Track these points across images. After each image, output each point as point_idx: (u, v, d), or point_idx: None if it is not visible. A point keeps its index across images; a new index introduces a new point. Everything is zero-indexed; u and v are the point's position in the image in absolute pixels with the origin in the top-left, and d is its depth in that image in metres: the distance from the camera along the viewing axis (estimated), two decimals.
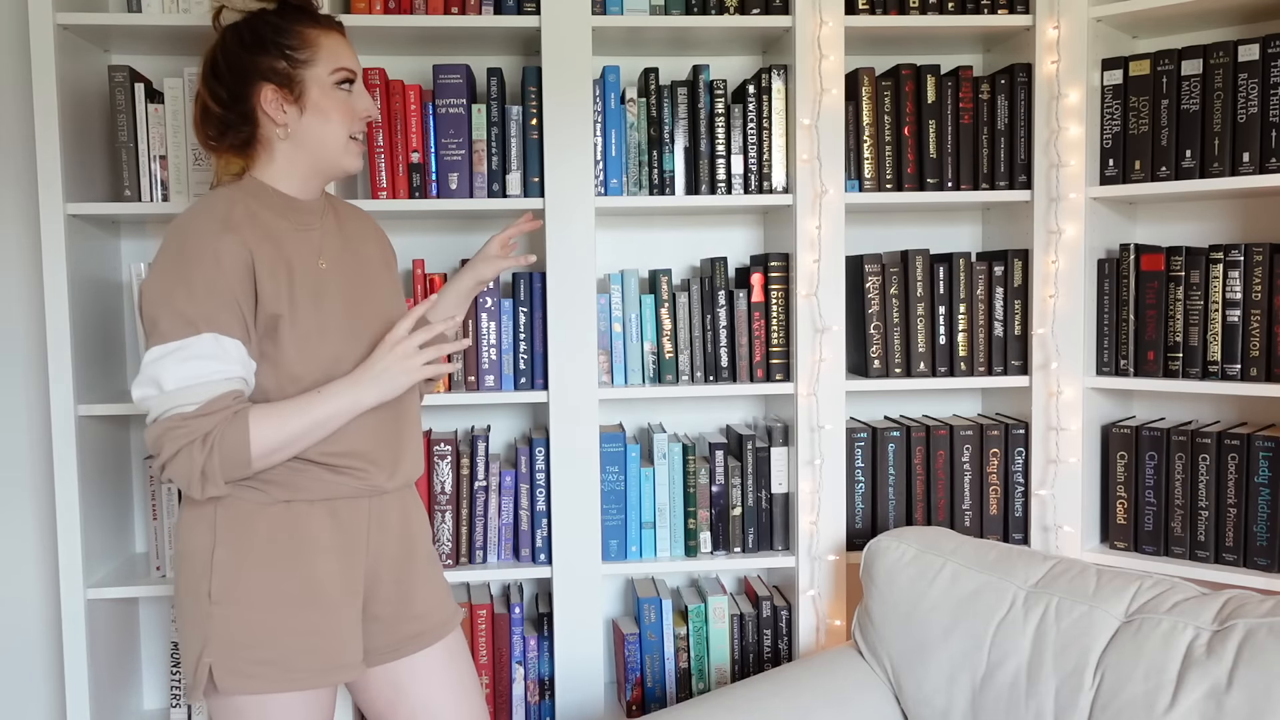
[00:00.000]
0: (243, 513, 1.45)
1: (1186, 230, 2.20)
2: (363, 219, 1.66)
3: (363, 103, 1.53)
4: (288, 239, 1.48)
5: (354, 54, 1.53)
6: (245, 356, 1.41)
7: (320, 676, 1.46)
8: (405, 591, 1.58)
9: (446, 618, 1.64)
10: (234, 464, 1.37)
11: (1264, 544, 1.92)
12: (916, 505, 2.19)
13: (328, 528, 1.49)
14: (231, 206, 1.45)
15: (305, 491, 1.47)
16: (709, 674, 2.18)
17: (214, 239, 1.40)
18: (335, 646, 1.47)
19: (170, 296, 1.37)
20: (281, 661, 1.43)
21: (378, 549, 1.54)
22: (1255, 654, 1.43)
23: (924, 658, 1.72)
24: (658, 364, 2.13)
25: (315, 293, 1.48)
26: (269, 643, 1.43)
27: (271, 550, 1.45)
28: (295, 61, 1.47)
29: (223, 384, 1.37)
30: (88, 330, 2.02)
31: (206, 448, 1.35)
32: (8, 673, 2.25)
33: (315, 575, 1.47)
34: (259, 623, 1.43)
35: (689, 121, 2.10)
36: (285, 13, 1.49)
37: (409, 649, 1.59)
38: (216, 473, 1.37)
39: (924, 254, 2.15)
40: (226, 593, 1.43)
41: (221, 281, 1.38)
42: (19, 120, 2.17)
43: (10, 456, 2.22)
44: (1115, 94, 2.04)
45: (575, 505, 2.07)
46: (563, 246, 2.03)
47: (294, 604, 1.45)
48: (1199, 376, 1.98)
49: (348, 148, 1.51)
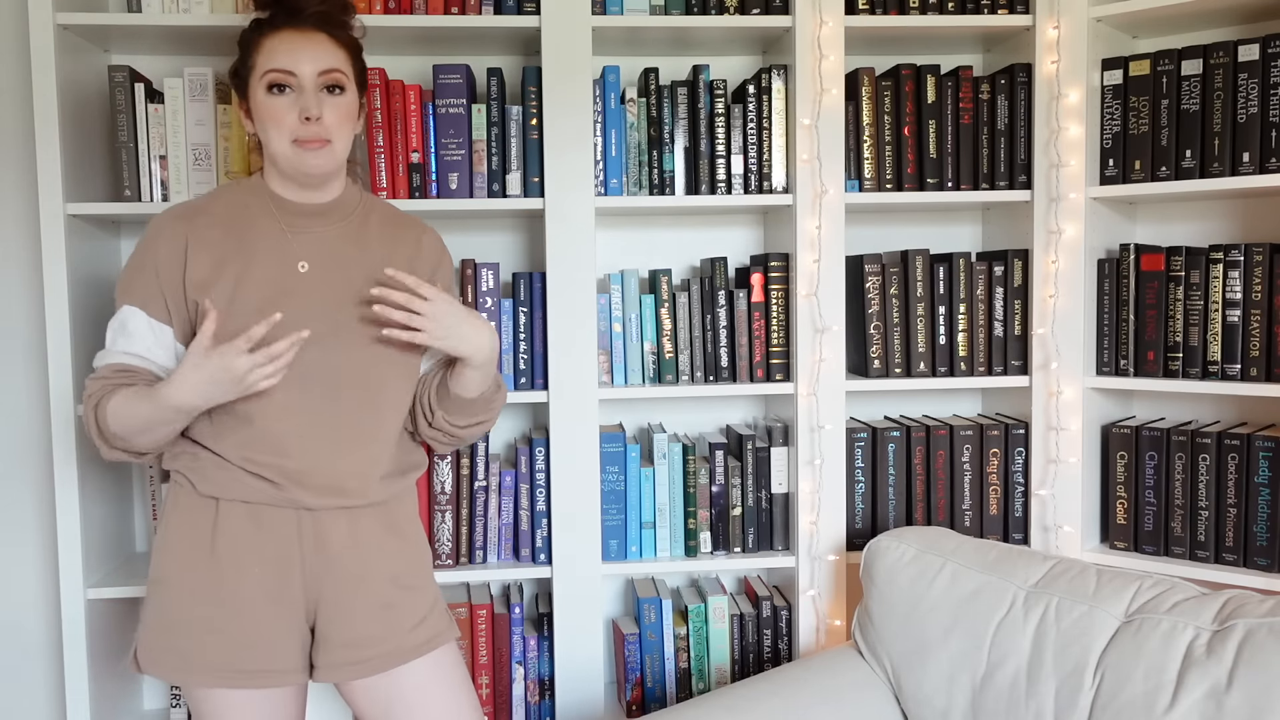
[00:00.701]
0: (184, 500, 1.51)
1: (1186, 230, 2.20)
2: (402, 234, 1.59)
3: (301, 103, 1.44)
4: (265, 238, 1.49)
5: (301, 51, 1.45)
6: (159, 335, 1.47)
7: (224, 677, 1.46)
8: (349, 615, 1.52)
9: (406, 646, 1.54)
10: (103, 434, 1.46)
11: (1264, 544, 1.92)
12: (916, 505, 2.19)
13: (250, 531, 1.48)
14: (215, 198, 1.53)
15: (227, 490, 1.48)
16: (709, 674, 2.18)
17: (164, 223, 1.49)
18: (242, 650, 1.46)
19: (123, 271, 1.51)
20: (185, 653, 1.47)
21: (315, 567, 1.51)
22: (1255, 654, 1.43)
23: (924, 658, 1.72)
24: (658, 364, 2.13)
25: (268, 292, 1.47)
26: (177, 632, 1.48)
27: (197, 542, 1.49)
28: (246, 69, 1.50)
29: (118, 355, 1.47)
30: (87, 330, 2.02)
31: (91, 411, 1.45)
32: (8, 673, 2.25)
33: (232, 576, 1.47)
34: (173, 610, 1.48)
35: (689, 121, 2.10)
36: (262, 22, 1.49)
37: (346, 674, 1.52)
38: (95, 436, 1.46)
39: (924, 254, 2.15)
40: (156, 574, 1.51)
41: (149, 260, 1.47)
42: (19, 120, 2.17)
43: (10, 456, 2.22)
44: (1115, 94, 2.04)
45: (575, 505, 2.07)
46: (563, 246, 2.03)
47: (206, 599, 1.47)
48: (1199, 376, 1.98)
49: (293, 151, 1.46)
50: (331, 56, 1.48)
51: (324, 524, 1.51)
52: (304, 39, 1.46)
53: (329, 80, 1.47)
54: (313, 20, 1.48)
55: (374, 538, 1.54)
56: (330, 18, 1.49)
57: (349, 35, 1.53)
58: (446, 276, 1.65)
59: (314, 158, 1.46)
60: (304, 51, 1.45)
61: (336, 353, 1.49)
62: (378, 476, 1.54)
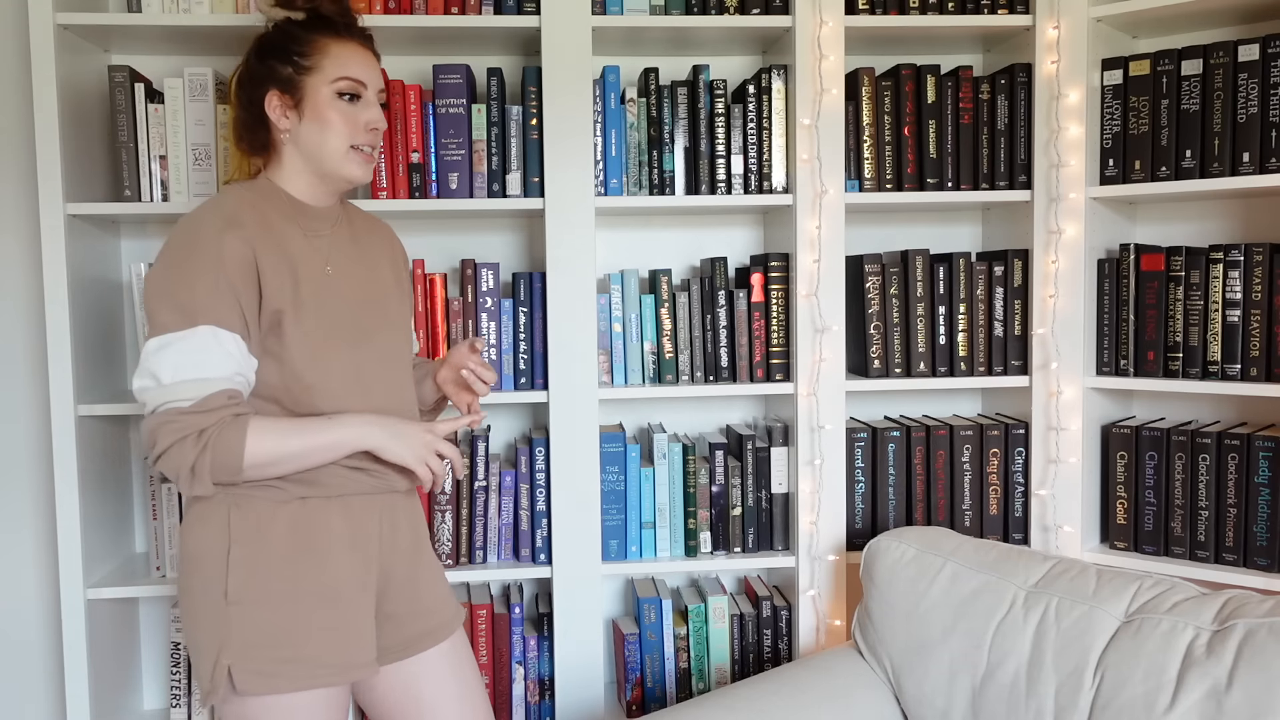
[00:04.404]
0: (258, 511, 1.45)
1: (1186, 230, 2.20)
2: (379, 233, 1.67)
3: (368, 114, 1.52)
4: (294, 242, 1.49)
5: (370, 66, 1.53)
6: (243, 352, 1.41)
7: (341, 674, 1.46)
8: (416, 588, 1.60)
9: (451, 616, 1.65)
10: (224, 468, 1.37)
11: (1264, 544, 1.92)
12: (916, 505, 2.19)
13: (343, 524, 1.49)
14: (240, 204, 1.47)
15: (322, 488, 1.47)
16: (709, 674, 2.18)
17: (218, 234, 1.40)
18: (353, 643, 1.48)
19: (172, 289, 1.38)
20: (302, 659, 1.43)
21: (390, 546, 1.56)
22: (1255, 654, 1.43)
23: (924, 657, 1.72)
24: (658, 364, 2.13)
25: (320, 295, 1.49)
26: (289, 641, 1.43)
27: (289, 547, 1.45)
28: (300, 68, 1.49)
29: (219, 381, 1.37)
30: (88, 330, 2.02)
31: (200, 445, 1.36)
32: (8, 673, 2.25)
33: (332, 572, 1.47)
34: (279, 621, 1.43)
35: (689, 121, 2.10)
36: (308, 22, 1.51)
37: (420, 646, 1.60)
38: (206, 472, 1.36)
39: (924, 254, 2.15)
40: (244, 592, 1.42)
41: (222, 275, 1.39)
42: (19, 120, 2.17)
43: (10, 456, 2.22)
44: (1115, 94, 2.04)
45: (575, 505, 2.07)
46: (563, 246, 2.03)
47: (313, 601, 1.45)
48: (1199, 376, 1.98)
49: (348, 156, 1.51)
50: (381, 75, 1.56)
51: (397, 505, 1.58)
52: (365, 53, 1.54)
53: (383, 97, 1.56)
54: (365, 37, 1.55)
55: (419, 517, 1.65)
56: (371, 38, 1.58)
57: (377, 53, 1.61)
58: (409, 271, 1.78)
59: (365, 167, 1.53)
60: (371, 66, 1.53)
61: (380, 350, 1.55)
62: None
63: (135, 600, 2.23)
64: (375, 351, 1.54)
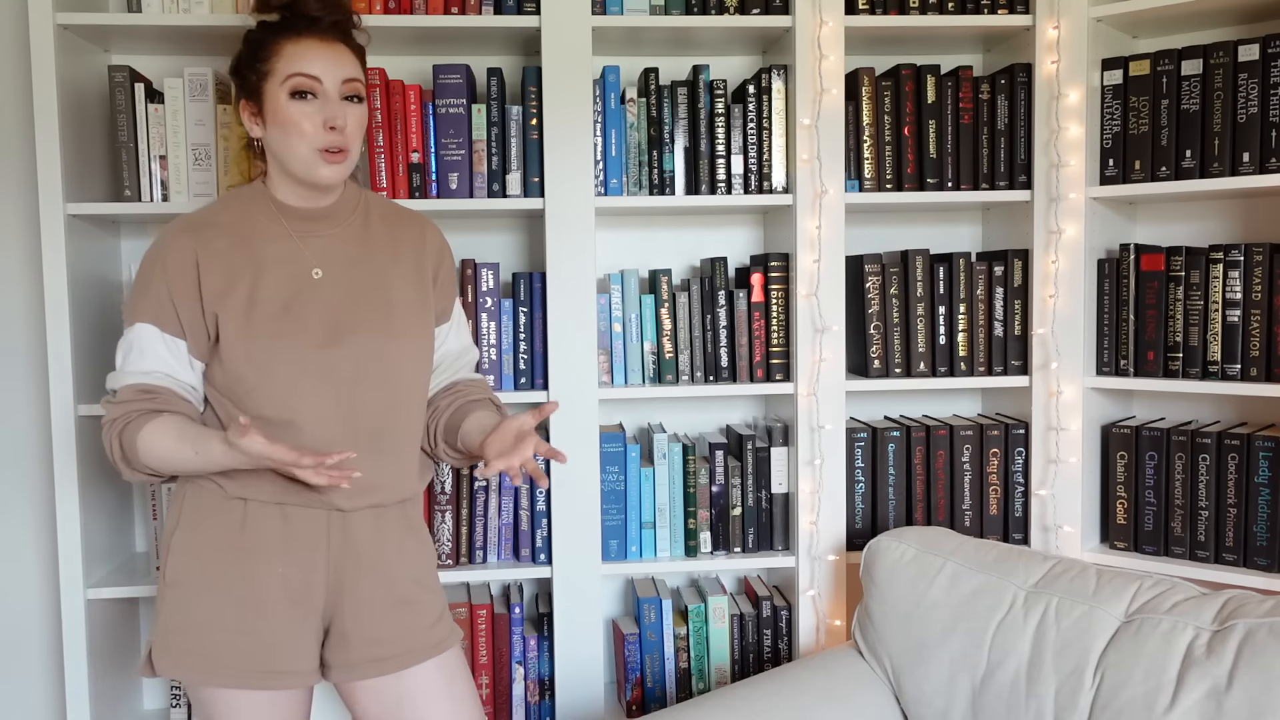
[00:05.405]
0: (206, 501, 1.49)
1: (1186, 230, 2.20)
2: (407, 228, 1.60)
3: (326, 111, 1.44)
4: (272, 245, 1.49)
5: (329, 60, 1.45)
6: (175, 351, 1.47)
7: (249, 678, 1.46)
8: (375, 613, 1.54)
9: (423, 645, 1.56)
10: (129, 461, 1.45)
11: (1264, 544, 1.92)
12: (916, 505, 2.19)
13: (280, 532, 1.49)
14: (222, 209, 1.52)
15: (259, 492, 1.48)
16: (709, 674, 2.18)
17: (173, 237, 1.48)
18: (267, 651, 1.47)
19: (133, 288, 1.50)
20: (208, 655, 1.46)
21: (340, 563, 1.52)
22: (1255, 654, 1.43)
23: (924, 658, 1.72)
24: (658, 364, 2.13)
25: (285, 297, 1.47)
26: (200, 633, 1.46)
27: (221, 543, 1.48)
28: (260, 74, 1.47)
29: (133, 375, 1.46)
30: (88, 330, 2.02)
31: (114, 434, 1.45)
32: (8, 673, 2.25)
33: (258, 576, 1.47)
34: (197, 612, 1.47)
35: (689, 121, 2.10)
36: (276, 26, 1.47)
37: (367, 672, 1.53)
38: (119, 460, 1.46)
39: (924, 254, 2.15)
40: (175, 576, 1.49)
41: (163, 278, 1.46)
42: (19, 120, 2.17)
43: (10, 456, 2.22)
44: (1115, 94, 2.04)
45: (575, 505, 2.07)
46: (563, 246, 2.03)
47: (231, 600, 1.47)
48: (1199, 376, 1.98)
49: (314, 159, 1.45)
50: (351, 66, 1.49)
51: (352, 523, 1.53)
52: (326, 47, 1.46)
53: (350, 90, 1.48)
54: (332, 29, 1.48)
55: (396, 536, 1.57)
56: (345, 27, 1.51)
57: (360, 45, 1.54)
58: (450, 273, 1.67)
59: (332, 168, 1.47)
60: (328, 60, 1.46)
61: (360, 357, 1.50)
62: (411, 475, 1.59)
63: (135, 600, 2.23)
64: (350, 354, 1.48)
